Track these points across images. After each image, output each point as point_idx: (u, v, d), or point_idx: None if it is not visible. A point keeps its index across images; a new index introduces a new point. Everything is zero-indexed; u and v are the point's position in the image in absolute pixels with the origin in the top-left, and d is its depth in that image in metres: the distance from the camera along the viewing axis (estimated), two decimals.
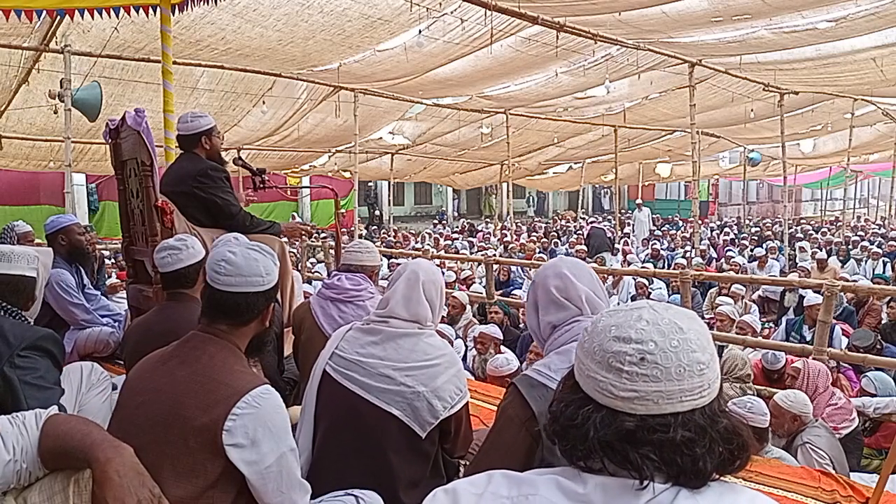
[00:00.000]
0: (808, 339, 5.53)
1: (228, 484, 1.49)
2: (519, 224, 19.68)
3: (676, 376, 0.88)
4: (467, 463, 2.14)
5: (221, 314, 1.63)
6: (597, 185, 31.43)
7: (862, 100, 12.62)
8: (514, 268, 10.10)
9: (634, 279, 8.57)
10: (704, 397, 0.90)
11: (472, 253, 13.07)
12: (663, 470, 0.87)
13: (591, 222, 14.94)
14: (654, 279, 8.60)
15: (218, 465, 1.47)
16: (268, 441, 1.49)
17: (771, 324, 7.78)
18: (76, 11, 3.84)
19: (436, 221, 23.90)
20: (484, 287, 7.35)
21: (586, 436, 0.90)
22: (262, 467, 1.48)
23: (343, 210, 17.91)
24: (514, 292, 8.44)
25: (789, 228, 13.81)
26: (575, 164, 20.67)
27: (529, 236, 15.97)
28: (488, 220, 23.81)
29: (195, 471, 1.46)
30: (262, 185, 3.81)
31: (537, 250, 12.57)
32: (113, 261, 8.79)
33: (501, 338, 5.41)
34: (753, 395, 4.19)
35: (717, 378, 0.92)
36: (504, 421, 1.53)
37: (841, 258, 11.77)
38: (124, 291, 4.27)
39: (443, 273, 8.80)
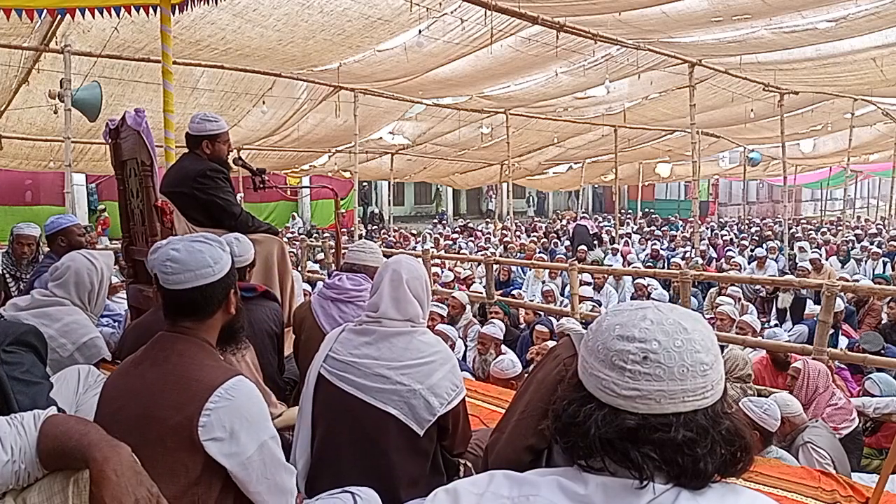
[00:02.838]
0: (839, 345, 5.58)
1: (212, 479, 1.49)
2: (518, 223, 19.67)
3: (679, 376, 0.88)
4: (467, 463, 2.15)
5: (181, 313, 1.61)
6: (595, 185, 31.41)
7: (862, 100, 12.62)
8: (514, 268, 10.10)
9: (634, 279, 8.58)
10: (707, 398, 0.90)
11: (471, 253, 13.08)
12: (664, 470, 0.87)
13: (582, 217, 15.22)
14: (652, 279, 8.58)
15: (198, 461, 1.46)
16: (245, 431, 1.47)
17: (770, 323, 7.78)
18: (77, 11, 3.84)
19: (435, 221, 23.91)
20: (484, 287, 7.35)
21: (587, 433, 0.90)
22: (244, 458, 1.47)
23: (343, 210, 17.93)
24: (513, 292, 8.44)
25: (789, 229, 13.82)
26: (575, 164, 20.67)
27: (529, 236, 15.97)
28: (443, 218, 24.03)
29: (175, 470, 1.45)
30: (262, 185, 3.81)
31: (537, 250, 12.58)
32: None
33: (502, 338, 5.41)
34: (754, 395, 4.19)
35: (721, 379, 0.92)
36: (548, 358, 1.64)
37: (841, 258, 11.77)
38: (124, 291, 4.28)
39: (442, 273, 8.82)
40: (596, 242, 13.92)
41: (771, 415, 3.33)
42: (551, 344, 4.67)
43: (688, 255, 10.78)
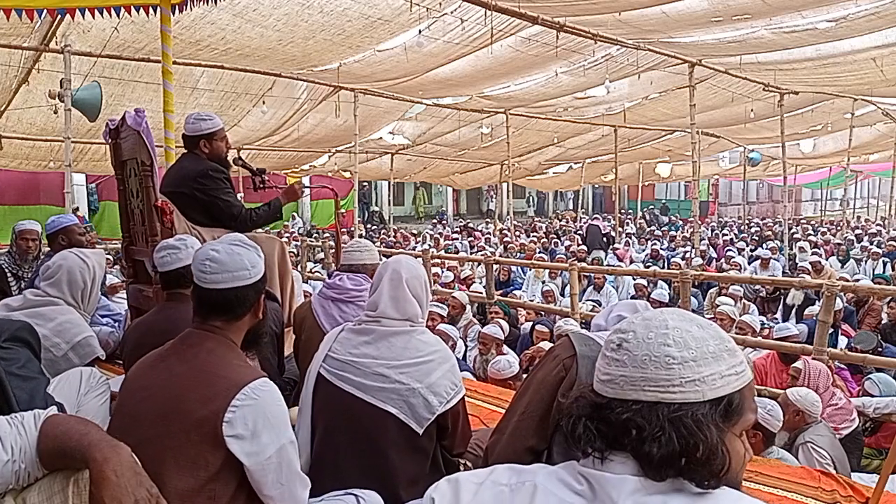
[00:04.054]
0: (838, 345, 5.59)
1: (229, 476, 1.52)
2: (518, 224, 19.65)
3: (641, 364, 0.92)
4: (467, 463, 2.14)
5: (214, 312, 1.65)
6: (596, 186, 31.36)
7: (862, 100, 12.61)
8: (514, 268, 10.10)
9: (634, 279, 8.58)
10: (673, 393, 0.90)
11: (470, 252, 13.09)
12: (617, 450, 0.92)
13: (594, 218, 15.38)
14: (653, 279, 8.58)
15: (219, 456, 1.49)
16: (267, 432, 1.51)
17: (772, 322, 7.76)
18: (77, 11, 3.84)
19: (435, 221, 23.88)
20: (484, 287, 7.34)
21: (568, 411, 1.00)
22: (263, 458, 1.50)
23: (343, 210, 17.91)
24: (514, 292, 8.44)
25: (790, 229, 13.81)
26: (575, 164, 20.67)
27: (528, 236, 15.97)
28: (423, 218, 23.80)
29: (197, 463, 1.48)
30: (262, 185, 3.80)
31: (537, 250, 12.57)
32: (112, 259, 8.78)
33: (502, 338, 5.40)
34: (754, 395, 4.19)
35: (702, 382, 0.91)
36: (548, 358, 1.66)
37: (840, 258, 11.76)
38: (124, 291, 4.28)
39: (442, 273, 8.82)
40: (606, 241, 13.91)
41: (774, 415, 3.33)
42: (547, 345, 4.66)
43: (688, 255, 10.77)
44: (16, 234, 4.42)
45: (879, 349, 5.07)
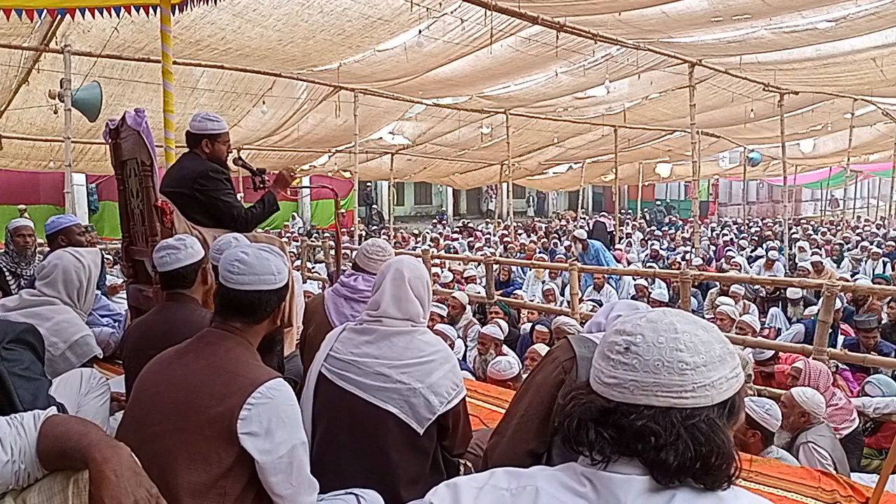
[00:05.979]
0: (836, 344, 5.59)
1: (240, 474, 1.54)
2: (518, 224, 19.65)
3: (653, 369, 0.91)
4: (467, 463, 2.14)
5: (235, 312, 1.69)
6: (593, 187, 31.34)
7: (862, 100, 12.61)
8: (514, 268, 10.10)
9: (634, 279, 8.57)
10: (685, 399, 0.90)
11: (470, 252, 13.08)
12: (626, 455, 0.91)
13: (601, 215, 15.56)
14: (652, 279, 8.58)
15: (231, 453, 1.51)
16: (281, 431, 1.53)
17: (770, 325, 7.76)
18: (77, 11, 3.84)
19: (435, 221, 23.89)
20: (484, 287, 7.34)
21: (569, 413, 0.96)
22: (275, 457, 1.53)
23: (343, 210, 17.90)
24: (515, 292, 8.43)
25: (790, 229, 13.81)
26: (575, 164, 20.67)
27: (529, 237, 15.97)
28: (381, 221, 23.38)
29: (209, 458, 1.50)
30: (262, 185, 3.80)
31: (537, 250, 12.57)
32: (112, 259, 8.78)
33: (502, 338, 5.40)
34: (754, 395, 4.19)
35: (712, 386, 0.91)
36: (546, 361, 1.66)
37: (834, 258, 11.73)
38: (124, 291, 4.28)
39: (441, 273, 8.81)
40: (609, 239, 13.97)
41: (772, 415, 3.32)
42: (543, 347, 4.66)
43: (688, 255, 10.77)
44: (10, 233, 4.42)
45: (878, 326, 5.06)
